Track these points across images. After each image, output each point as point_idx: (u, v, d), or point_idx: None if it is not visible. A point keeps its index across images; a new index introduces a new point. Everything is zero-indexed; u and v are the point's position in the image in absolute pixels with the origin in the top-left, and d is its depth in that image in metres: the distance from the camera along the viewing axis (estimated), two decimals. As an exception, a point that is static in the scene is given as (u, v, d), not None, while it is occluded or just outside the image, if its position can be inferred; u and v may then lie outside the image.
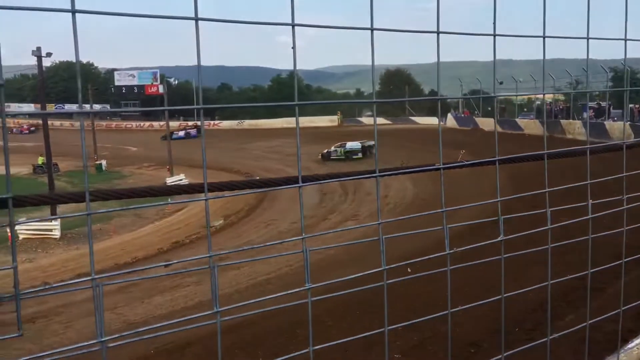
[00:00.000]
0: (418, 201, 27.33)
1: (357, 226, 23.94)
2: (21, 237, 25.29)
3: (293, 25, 1.42)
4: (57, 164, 40.43)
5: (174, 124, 63.47)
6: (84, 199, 1.27)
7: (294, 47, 1.45)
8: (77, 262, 21.72)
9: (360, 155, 46.45)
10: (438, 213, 1.91)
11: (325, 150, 47.47)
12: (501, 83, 47.82)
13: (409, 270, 1.94)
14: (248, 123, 72.71)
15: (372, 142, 44.59)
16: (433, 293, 9.09)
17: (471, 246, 2.00)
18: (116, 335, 1.28)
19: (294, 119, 1.57)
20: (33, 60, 32.54)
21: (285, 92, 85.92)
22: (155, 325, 1.39)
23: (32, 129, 67.95)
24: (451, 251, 1.88)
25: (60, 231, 25.94)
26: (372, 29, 1.54)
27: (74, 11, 1.16)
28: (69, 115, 69.86)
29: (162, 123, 51.85)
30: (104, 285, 1.21)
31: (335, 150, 47.71)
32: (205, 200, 1.41)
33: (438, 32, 1.71)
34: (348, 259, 15.71)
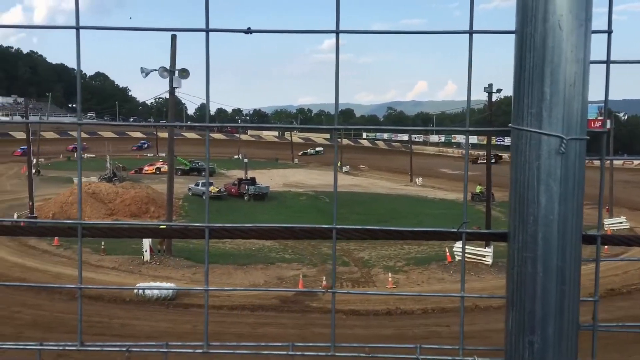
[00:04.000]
0: None
1: None
2: (457, 258, 27.47)
3: None
4: (494, 194, 42.20)
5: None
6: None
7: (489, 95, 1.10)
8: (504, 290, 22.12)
9: (322, 153, 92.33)
10: None
11: (302, 152, 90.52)
12: None
13: None
14: None
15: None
16: None
17: None
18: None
19: None
20: (482, 96, 35.09)
21: None
22: None
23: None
24: None
25: (492, 259, 26.97)
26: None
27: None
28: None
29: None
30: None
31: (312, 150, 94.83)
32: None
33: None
34: None
